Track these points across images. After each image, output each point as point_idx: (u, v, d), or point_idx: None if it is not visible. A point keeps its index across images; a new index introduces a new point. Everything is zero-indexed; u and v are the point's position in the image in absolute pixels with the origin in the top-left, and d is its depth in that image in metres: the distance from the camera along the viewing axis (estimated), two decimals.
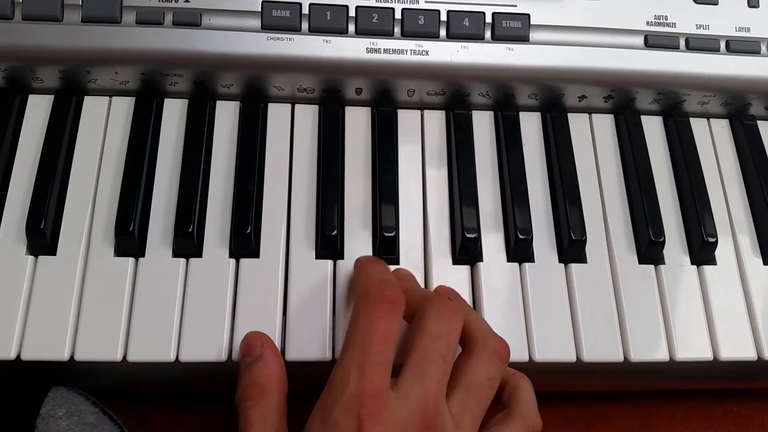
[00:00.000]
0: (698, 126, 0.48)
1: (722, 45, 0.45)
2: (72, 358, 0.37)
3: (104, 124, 0.44)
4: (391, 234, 0.41)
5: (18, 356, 0.37)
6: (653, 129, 0.47)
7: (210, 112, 0.45)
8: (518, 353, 0.39)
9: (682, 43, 0.45)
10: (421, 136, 0.46)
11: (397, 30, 0.44)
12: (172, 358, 0.38)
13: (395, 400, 0.33)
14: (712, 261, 0.43)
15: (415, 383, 0.33)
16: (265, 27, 0.43)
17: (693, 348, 0.41)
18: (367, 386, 0.32)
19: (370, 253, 0.41)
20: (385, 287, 0.36)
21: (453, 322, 0.36)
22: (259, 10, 0.43)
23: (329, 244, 0.41)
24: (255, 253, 0.41)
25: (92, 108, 0.44)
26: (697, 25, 0.46)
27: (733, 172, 0.47)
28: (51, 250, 0.40)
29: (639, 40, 0.45)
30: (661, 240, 0.42)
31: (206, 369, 0.38)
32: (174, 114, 0.45)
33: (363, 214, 0.42)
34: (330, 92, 0.45)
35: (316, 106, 0.46)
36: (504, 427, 0.36)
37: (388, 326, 0.34)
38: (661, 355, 0.40)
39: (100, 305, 0.38)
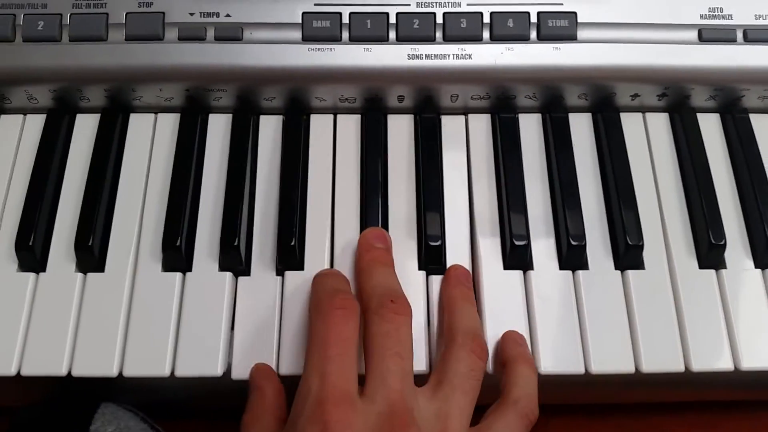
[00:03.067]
0: (759, 122, 0.45)
1: None
2: (120, 374, 0.37)
3: (150, 141, 0.44)
4: (437, 243, 0.40)
5: (69, 372, 0.37)
6: (711, 127, 0.45)
7: (254, 125, 0.45)
8: (574, 365, 0.38)
9: (740, 35, 0.43)
10: (465, 141, 0.45)
11: (438, 35, 0.43)
12: (219, 373, 0.37)
13: (362, 405, 0.32)
14: None
15: (378, 386, 0.32)
16: (306, 38, 0.43)
17: (759, 356, 0.38)
18: (329, 392, 0.31)
19: (415, 263, 0.41)
20: (335, 296, 0.35)
21: (394, 320, 0.34)
22: (300, 21, 0.43)
23: None
24: (300, 266, 0.40)
25: (138, 125, 0.45)
26: (755, 15, 0.43)
27: None
28: (99, 266, 0.40)
29: (693, 35, 0.43)
30: (722, 243, 0.40)
31: None
32: (219, 129, 0.45)
33: (408, 224, 0.42)
34: (372, 101, 0.45)
35: (359, 116, 0.45)
36: (495, 418, 0.35)
37: (343, 330, 0.33)
38: (725, 364, 0.38)
39: (148, 320, 0.38)
